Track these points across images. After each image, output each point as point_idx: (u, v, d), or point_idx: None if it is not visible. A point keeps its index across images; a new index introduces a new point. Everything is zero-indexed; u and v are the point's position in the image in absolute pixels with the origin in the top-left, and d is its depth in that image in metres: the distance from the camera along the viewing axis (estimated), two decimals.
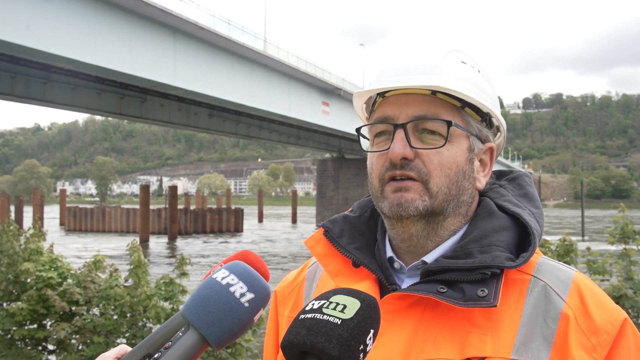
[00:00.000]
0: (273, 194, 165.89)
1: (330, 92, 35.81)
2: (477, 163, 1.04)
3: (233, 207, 46.50)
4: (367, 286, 0.99)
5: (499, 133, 1.12)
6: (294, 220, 56.78)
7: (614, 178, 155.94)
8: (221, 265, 0.94)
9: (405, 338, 0.92)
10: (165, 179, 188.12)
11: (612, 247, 5.84)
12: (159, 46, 21.66)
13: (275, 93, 30.01)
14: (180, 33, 22.66)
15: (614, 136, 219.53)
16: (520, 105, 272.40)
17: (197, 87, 23.81)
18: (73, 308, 6.73)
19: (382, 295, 0.99)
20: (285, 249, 29.75)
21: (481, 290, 0.90)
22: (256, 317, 0.76)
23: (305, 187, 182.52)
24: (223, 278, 0.76)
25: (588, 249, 5.90)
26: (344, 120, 37.76)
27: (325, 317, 0.71)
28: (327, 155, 53.01)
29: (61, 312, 6.79)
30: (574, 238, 6.12)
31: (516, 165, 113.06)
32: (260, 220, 57.37)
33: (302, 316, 0.73)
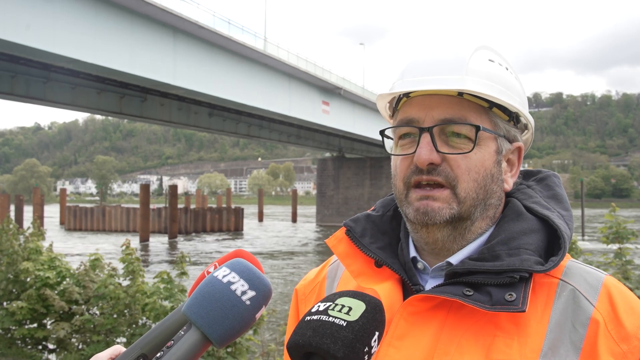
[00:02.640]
0: (273, 193, 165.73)
1: (331, 92, 35.81)
2: (504, 164, 1.01)
3: (233, 206, 46.63)
4: (390, 286, 0.97)
5: (526, 130, 1.08)
6: (294, 220, 56.86)
7: (614, 177, 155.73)
8: (215, 265, 0.93)
9: (428, 340, 0.90)
10: (165, 178, 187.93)
11: (609, 247, 5.84)
12: (159, 45, 21.67)
13: (276, 92, 30.02)
14: (180, 32, 22.67)
15: (614, 135, 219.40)
16: None
17: (197, 87, 23.82)
18: (72, 307, 6.73)
19: (405, 295, 0.96)
20: (284, 248, 29.75)
21: (509, 295, 0.87)
22: (258, 315, 0.76)
23: (306, 187, 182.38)
24: (224, 276, 0.76)
25: (580, 250, 5.89)
26: (344, 119, 37.79)
27: (330, 319, 0.71)
28: (327, 154, 53.08)
29: (61, 312, 6.79)
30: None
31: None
32: (261, 219, 57.40)
33: (308, 318, 0.73)
